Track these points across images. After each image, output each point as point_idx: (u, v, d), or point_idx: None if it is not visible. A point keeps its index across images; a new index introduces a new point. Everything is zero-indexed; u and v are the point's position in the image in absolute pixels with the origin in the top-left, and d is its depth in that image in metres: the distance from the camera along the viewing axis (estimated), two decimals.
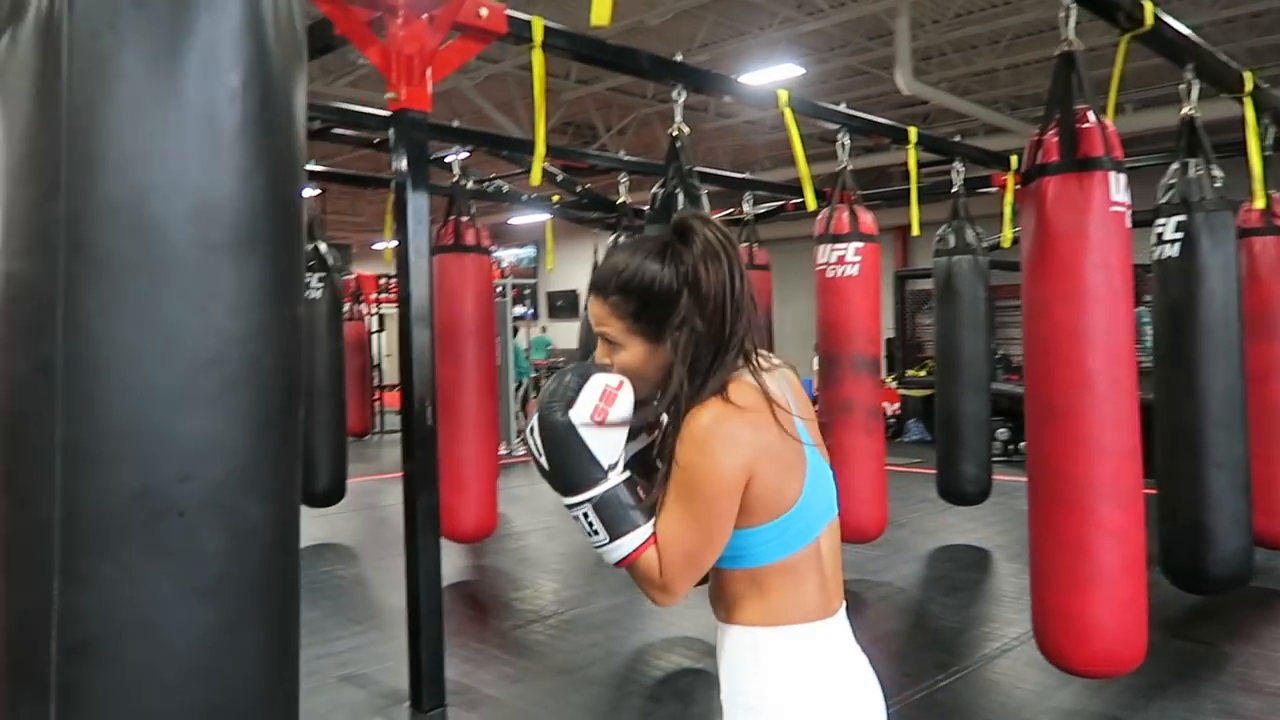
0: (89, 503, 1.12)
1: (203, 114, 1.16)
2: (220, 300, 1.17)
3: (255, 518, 1.20)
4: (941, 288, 5.91)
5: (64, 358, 1.12)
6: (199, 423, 1.15)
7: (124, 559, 1.12)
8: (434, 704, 3.29)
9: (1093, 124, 2.96)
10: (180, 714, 1.15)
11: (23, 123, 1.16)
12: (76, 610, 1.11)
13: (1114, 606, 2.77)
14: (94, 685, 1.12)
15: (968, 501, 5.82)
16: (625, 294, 1.26)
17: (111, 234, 1.12)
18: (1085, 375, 2.83)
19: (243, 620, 1.20)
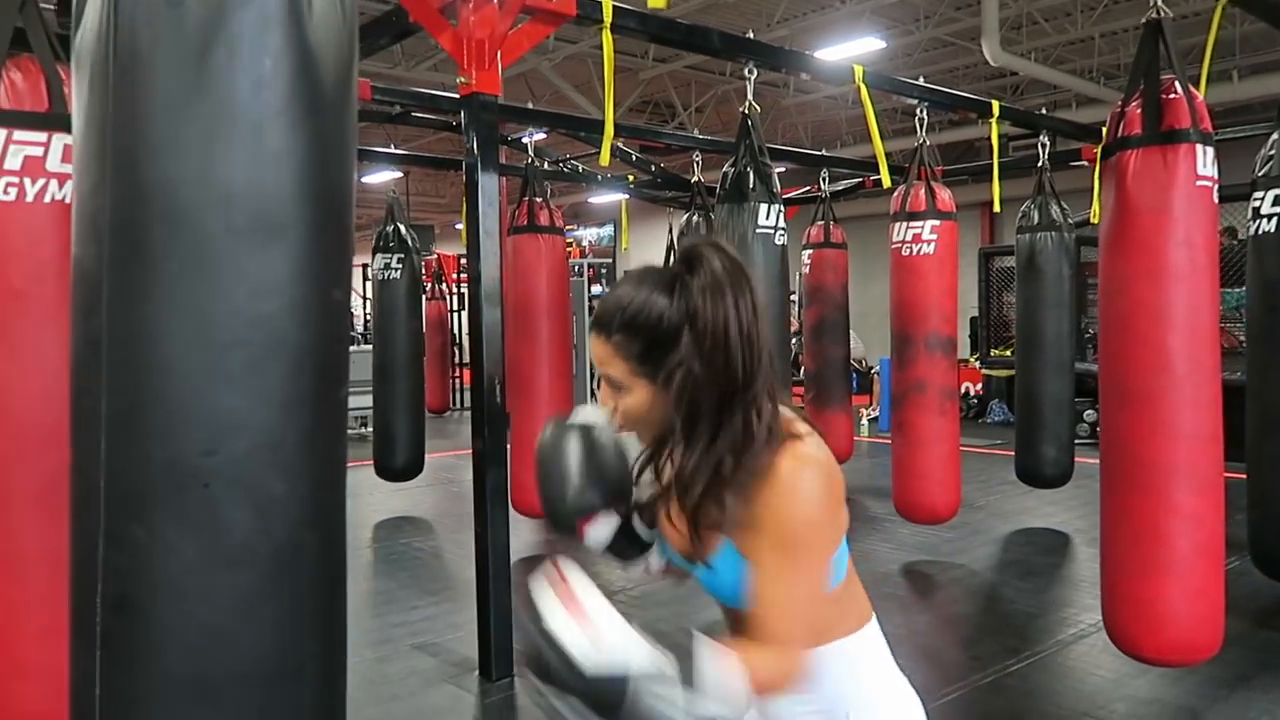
0: (126, 470, 1.20)
1: (227, 104, 1.20)
2: (244, 284, 1.21)
3: (280, 494, 1.24)
4: (1024, 265, 5.74)
5: (108, 334, 1.21)
6: (224, 400, 1.21)
7: (154, 525, 1.19)
8: (502, 673, 3.38)
9: (1179, 95, 2.84)
10: (204, 674, 1.22)
11: (84, 115, 1.24)
12: (116, 569, 1.21)
13: (1188, 594, 2.68)
14: (130, 640, 1.21)
15: (1047, 484, 5.67)
16: (629, 333, 1.14)
17: (146, 221, 1.20)
18: (1165, 356, 2.73)
19: (267, 592, 1.24)
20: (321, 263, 1.28)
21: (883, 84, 4.70)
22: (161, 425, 1.20)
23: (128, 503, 1.20)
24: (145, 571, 1.20)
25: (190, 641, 1.21)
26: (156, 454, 1.20)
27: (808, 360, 6.78)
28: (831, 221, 6.67)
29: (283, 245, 1.24)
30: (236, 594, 1.22)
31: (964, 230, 6.01)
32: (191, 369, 1.20)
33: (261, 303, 1.22)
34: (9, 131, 2.10)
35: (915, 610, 4.27)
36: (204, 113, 1.19)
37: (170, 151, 1.19)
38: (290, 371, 1.25)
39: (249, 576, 1.22)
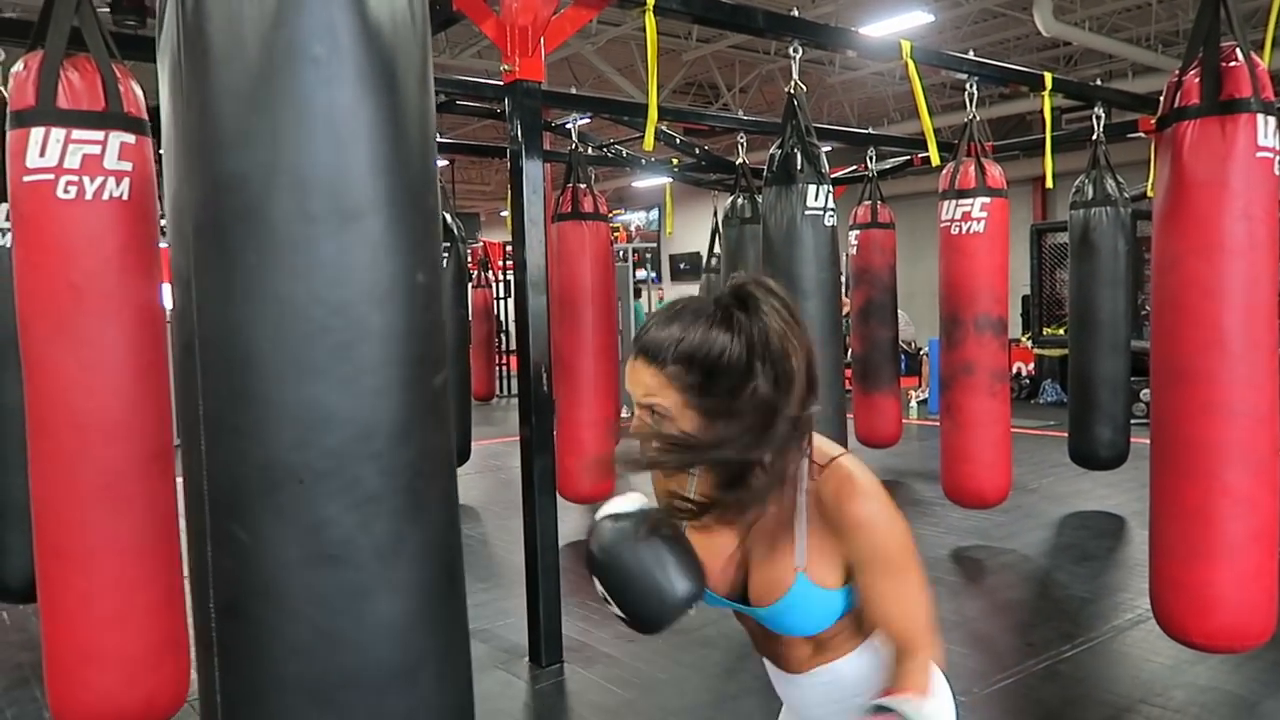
0: (224, 472, 1.20)
1: (292, 91, 1.18)
2: (321, 271, 1.19)
3: (376, 487, 1.21)
4: (1078, 242, 5.61)
5: (199, 336, 1.20)
6: (310, 392, 1.18)
7: (254, 525, 1.18)
8: (552, 660, 3.42)
9: (1240, 62, 2.74)
10: (314, 677, 1.19)
11: (167, 117, 1.25)
12: (222, 573, 1.20)
13: (1239, 579, 2.61)
14: (241, 644, 1.20)
15: (1101, 466, 5.56)
16: (688, 365, 1.12)
17: (223, 216, 1.19)
18: (1218, 334, 2.66)
19: (371, 588, 1.21)
20: (403, 245, 1.25)
21: (931, 59, 4.60)
22: (253, 423, 1.18)
23: (228, 504, 1.19)
24: (248, 574, 1.19)
25: (297, 643, 1.18)
26: (252, 452, 1.18)
27: (855, 343, 6.71)
28: (879, 201, 6.58)
29: (359, 229, 1.21)
30: (340, 593, 1.19)
31: (1015, 206, 5.89)
32: (277, 363, 1.18)
33: (341, 289, 1.20)
34: (68, 131, 2.16)
35: (966, 596, 4.22)
36: (271, 103, 1.17)
37: (241, 144, 1.18)
38: (377, 360, 1.22)
39: (351, 574, 1.19)
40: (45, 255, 2.16)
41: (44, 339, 2.15)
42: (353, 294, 1.21)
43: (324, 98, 1.20)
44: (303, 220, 1.19)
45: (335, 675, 1.20)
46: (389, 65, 1.24)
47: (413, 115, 1.29)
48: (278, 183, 1.18)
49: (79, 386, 2.14)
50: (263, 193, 1.18)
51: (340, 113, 1.21)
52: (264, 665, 1.19)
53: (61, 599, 2.21)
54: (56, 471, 2.16)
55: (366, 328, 1.21)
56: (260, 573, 1.18)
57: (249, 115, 1.18)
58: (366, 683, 1.21)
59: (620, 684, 3.27)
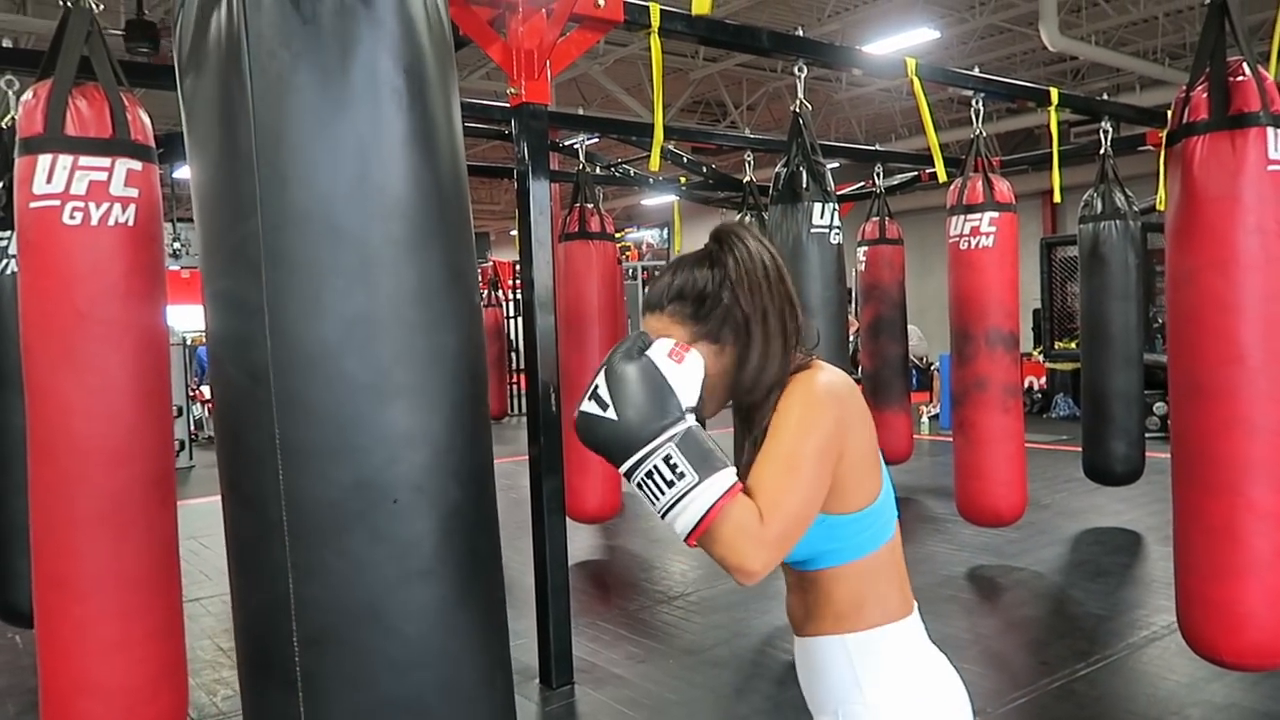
0: (311, 497, 1.19)
1: (373, 119, 1.22)
2: (405, 293, 1.23)
3: (457, 500, 1.25)
4: (1087, 255, 5.59)
5: (273, 363, 1.19)
6: (399, 411, 1.22)
7: (348, 549, 1.18)
8: (562, 681, 3.40)
9: (1247, 76, 2.73)
10: (416, 695, 1.20)
11: (214, 150, 1.25)
12: (311, 602, 1.18)
13: (1268, 595, 2.58)
14: (334, 673, 1.19)
15: (1116, 481, 5.51)
16: (680, 300, 1.25)
17: (306, 242, 1.20)
18: (1236, 348, 2.63)
19: (459, 600, 1.24)
20: (464, 269, 1.32)
21: (936, 76, 4.61)
22: (344, 445, 1.18)
23: (317, 531, 1.18)
24: (343, 599, 1.18)
25: (397, 663, 1.19)
26: (342, 475, 1.18)
27: (865, 359, 6.69)
28: (887, 217, 6.58)
29: (432, 253, 1.25)
30: (433, 606, 1.21)
31: (1025, 220, 5.87)
32: (366, 383, 1.20)
33: (422, 310, 1.24)
34: (75, 158, 2.17)
35: (980, 614, 4.18)
36: (355, 125, 1.20)
37: (325, 171, 1.19)
38: (451, 378, 1.26)
39: (442, 589, 1.22)
40: (50, 281, 2.16)
41: (47, 364, 2.16)
42: (432, 315, 1.26)
43: (400, 125, 1.24)
44: (389, 244, 1.22)
45: (435, 688, 1.22)
46: (442, 95, 1.31)
47: (457, 143, 1.35)
48: (363, 209, 1.21)
49: (81, 412, 2.14)
50: (348, 219, 1.20)
51: (414, 140, 1.25)
52: (362, 690, 1.19)
53: (59, 628, 2.20)
54: (57, 498, 2.16)
55: (444, 348, 1.27)
56: (356, 596, 1.18)
57: (331, 143, 1.20)
58: (461, 692, 1.24)
59: (631, 705, 3.25)
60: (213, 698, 3.48)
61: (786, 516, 1.11)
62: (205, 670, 3.75)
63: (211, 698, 3.48)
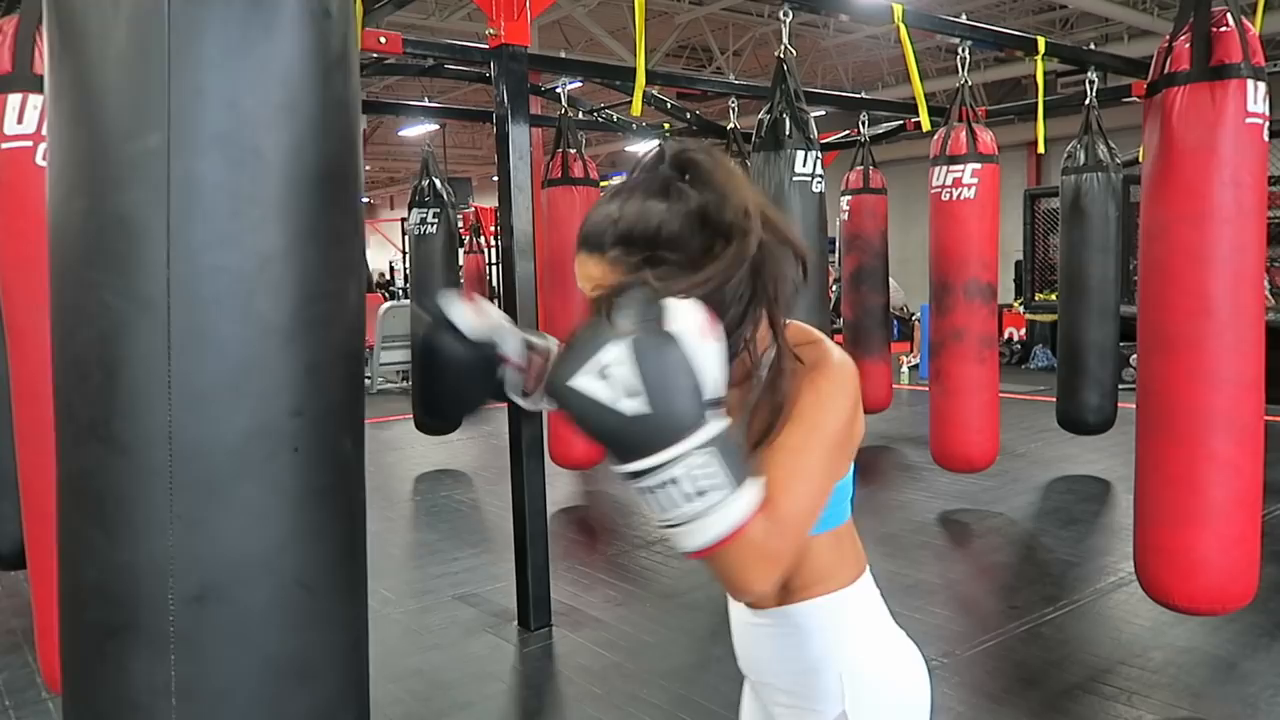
0: (205, 443, 1.08)
1: (299, 44, 1.13)
2: (322, 236, 1.15)
3: (350, 454, 1.20)
4: (1069, 207, 5.60)
5: (172, 293, 1.07)
6: (306, 357, 1.13)
7: (245, 499, 1.10)
8: (540, 623, 3.46)
9: (1230, 27, 2.72)
10: (304, 655, 1.14)
11: (113, 46, 1.10)
12: (194, 558, 1.09)
13: (1221, 542, 2.65)
14: (214, 633, 1.10)
15: (1089, 431, 5.60)
16: (628, 245, 1.05)
17: (220, 167, 1.09)
18: (1206, 301, 2.66)
19: (348, 555, 1.20)
20: (360, 211, 1.27)
21: (923, 23, 4.55)
22: (247, 388, 1.09)
23: (209, 480, 1.09)
24: (234, 554, 1.10)
25: (289, 621, 1.13)
26: (243, 420, 1.09)
27: (846, 308, 6.71)
28: (871, 166, 6.55)
29: (350, 194, 1.20)
30: (328, 562, 1.16)
31: (1009, 171, 5.87)
32: (275, 325, 1.11)
33: (335, 252, 1.18)
34: (45, 97, 2.12)
35: (952, 559, 4.27)
36: (278, 49, 1.12)
37: (244, 93, 1.10)
38: (353, 325, 1.22)
39: (336, 543, 1.17)
40: (26, 222, 2.13)
41: (26, 306, 2.14)
42: (346, 261, 1.22)
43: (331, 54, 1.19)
44: (307, 180, 1.17)
45: (325, 648, 1.17)
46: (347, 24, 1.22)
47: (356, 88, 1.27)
48: (280, 138, 1.14)
49: None
50: (266, 147, 1.14)
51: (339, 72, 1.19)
52: (246, 651, 1.12)
53: (51, 564, 2.20)
54: (43, 437, 2.15)
55: (347, 296, 1.22)
56: (249, 550, 1.11)
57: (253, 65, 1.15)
58: (343, 648, 1.20)
59: (608, 647, 3.31)
60: None
61: (797, 526, 0.98)
62: None
63: None
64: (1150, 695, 2.82)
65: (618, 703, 2.89)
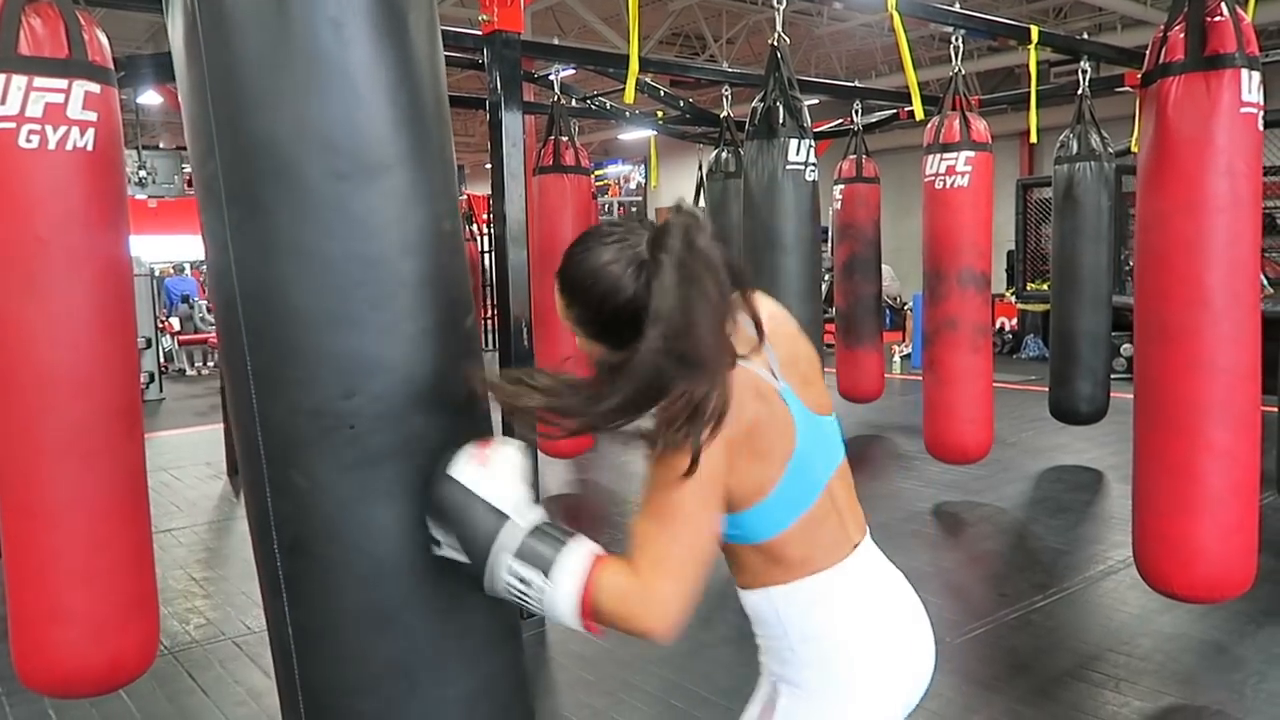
0: (276, 421, 1.26)
1: (310, 51, 1.21)
2: (353, 227, 1.24)
3: (421, 427, 1.27)
4: (1061, 197, 5.61)
5: (240, 294, 1.26)
6: (355, 342, 1.24)
7: (310, 469, 1.25)
8: (532, 611, 3.45)
9: (1225, 17, 2.72)
10: (380, 606, 1.27)
11: (187, 89, 1.28)
12: (284, 515, 1.28)
13: (1220, 531, 2.66)
14: (308, 580, 1.28)
15: (1081, 421, 5.62)
16: (585, 305, 1.16)
17: (255, 179, 1.23)
18: (1202, 291, 2.67)
19: (422, 522, 1.26)
20: (427, 196, 1.31)
21: (916, 11, 4.54)
22: (301, 375, 1.24)
23: (283, 452, 1.26)
24: (308, 515, 1.26)
25: (361, 575, 1.26)
26: (302, 402, 1.24)
27: (839, 298, 6.71)
28: (864, 155, 6.54)
29: (386, 184, 1.26)
30: (396, 526, 1.25)
31: (1002, 161, 5.87)
32: (319, 316, 1.23)
33: (374, 243, 1.25)
34: (30, 78, 2.10)
35: (944, 548, 4.28)
36: (293, 64, 1.21)
37: (267, 106, 1.22)
38: (413, 306, 1.27)
39: (405, 508, 1.25)
40: (8, 206, 2.11)
41: (7, 292, 2.11)
42: (384, 246, 1.26)
43: (343, 56, 1.23)
44: (332, 178, 1.23)
45: (397, 602, 1.27)
46: (401, 20, 1.28)
47: (425, 68, 1.33)
48: (306, 143, 1.22)
49: (44, 340, 2.10)
50: (292, 154, 1.22)
51: (360, 70, 1.24)
52: (330, 597, 1.27)
53: (27, 556, 2.19)
54: (21, 427, 2.13)
55: (401, 278, 1.27)
56: (318, 513, 1.26)
57: (272, 78, 1.22)
58: (430, 606, 1.28)
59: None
60: (185, 626, 3.52)
61: (674, 566, 1.08)
62: (178, 600, 3.78)
63: (184, 626, 3.52)
64: (1138, 681, 2.84)
65: (610, 689, 2.89)
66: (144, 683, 2.58)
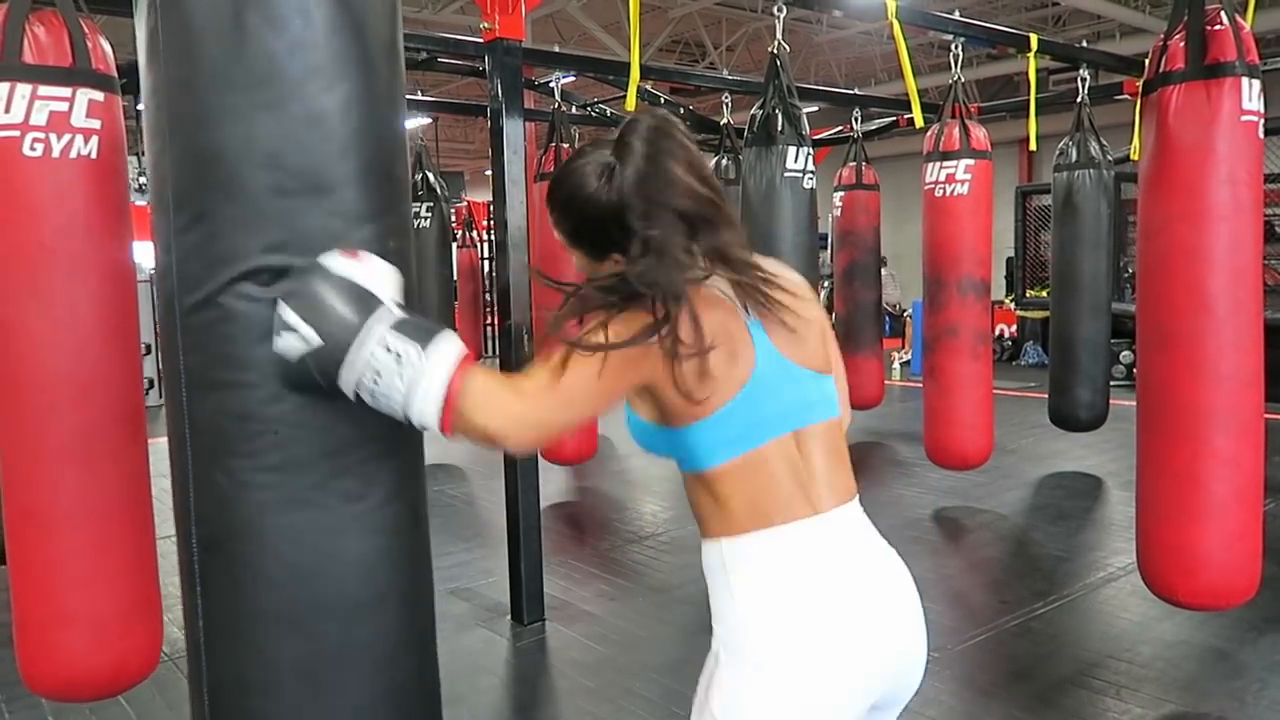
0: (204, 421, 1.30)
1: (264, 68, 1.23)
2: (296, 241, 1.25)
3: (347, 436, 1.29)
4: (1061, 204, 5.62)
5: (178, 296, 1.29)
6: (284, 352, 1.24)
7: (232, 470, 1.28)
8: (534, 618, 3.46)
9: (1224, 26, 2.73)
10: (288, 608, 1.30)
11: (146, 92, 1.31)
12: (203, 513, 1.32)
13: (1224, 539, 2.66)
14: (220, 578, 1.32)
15: (1081, 428, 5.62)
16: (563, 211, 1.25)
17: (201, 188, 1.25)
18: (1204, 298, 2.67)
19: (342, 528, 1.31)
20: (372, 214, 1.31)
21: (916, 19, 4.56)
22: (231, 378, 1.26)
23: (209, 452, 1.29)
24: (226, 515, 1.29)
25: (272, 577, 1.29)
26: (230, 405, 1.27)
27: (839, 304, 6.72)
28: (864, 162, 6.55)
29: (331, 200, 1.27)
30: (311, 531, 1.29)
31: (1002, 168, 5.87)
32: (256, 325, 1.25)
33: (315, 259, 1.25)
34: (34, 87, 2.10)
35: (944, 554, 4.28)
36: (246, 79, 1.23)
37: (218, 119, 1.23)
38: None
39: (322, 515, 1.29)
40: (13, 214, 2.11)
41: (12, 298, 2.11)
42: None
43: (298, 77, 1.24)
44: (279, 194, 1.24)
45: (308, 604, 1.30)
46: (361, 37, 1.29)
47: (383, 86, 1.34)
48: (252, 159, 1.23)
49: (48, 346, 2.10)
50: (238, 168, 1.24)
51: (312, 88, 1.25)
52: (244, 597, 1.30)
53: (31, 561, 2.20)
54: (25, 432, 2.13)
55: None
56: (237, 513, 1.28)
57: (225, 92, 1.23)
58: (336, 612, 1.31)
59: (601, 641, 3.31)
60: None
61: (549, 402, 1.14)
62: (180, 605, 3.77)
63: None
64: (1139, 689, 2.83)
65: (610, 696, 2.89)
66: (144, 689, 2.57)
